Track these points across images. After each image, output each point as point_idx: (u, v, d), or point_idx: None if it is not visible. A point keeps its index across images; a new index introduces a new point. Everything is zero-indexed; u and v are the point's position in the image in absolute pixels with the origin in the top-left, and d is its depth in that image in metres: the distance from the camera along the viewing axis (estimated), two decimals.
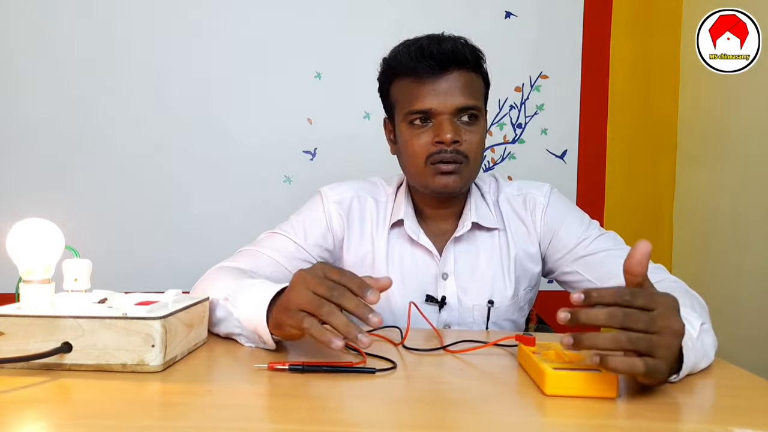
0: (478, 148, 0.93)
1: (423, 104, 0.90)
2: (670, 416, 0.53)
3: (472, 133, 0.91)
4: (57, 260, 0.66)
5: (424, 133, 0.91)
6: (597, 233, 0.96)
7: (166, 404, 0.55)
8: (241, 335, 0.74)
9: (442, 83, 0.89)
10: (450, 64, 0.89)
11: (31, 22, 1.75)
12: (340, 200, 1.01)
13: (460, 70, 0.90)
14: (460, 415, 0.52)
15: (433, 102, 0.89)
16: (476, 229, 0.99)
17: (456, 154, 0.90)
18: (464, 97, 0.89)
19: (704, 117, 1.79)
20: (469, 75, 0.91)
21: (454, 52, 0.89)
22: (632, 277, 0.56)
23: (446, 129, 0.88)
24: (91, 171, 1.78)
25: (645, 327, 0.53)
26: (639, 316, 0.53)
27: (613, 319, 0.53)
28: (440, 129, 0.89)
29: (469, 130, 0.91)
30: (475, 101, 0.91)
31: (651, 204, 1.90)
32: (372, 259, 1.00)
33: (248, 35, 1.80)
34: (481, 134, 0.93)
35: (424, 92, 0.90)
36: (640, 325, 0.53)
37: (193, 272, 0.90)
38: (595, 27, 1.85)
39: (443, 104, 0.89)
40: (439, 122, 0.90)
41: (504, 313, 0.99)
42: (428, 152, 0.91)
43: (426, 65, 0.89)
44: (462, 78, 0.90)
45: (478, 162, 0.95)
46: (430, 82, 0.89)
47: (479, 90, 0.94)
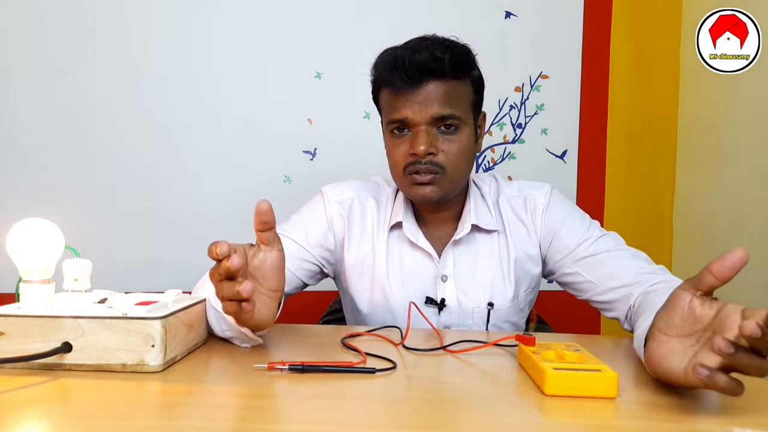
0: (457, 158, 0.91)
1: (399, 114, 0.89)
2: (670, 416, 0.53)
3: (450, 142, 0.90)
4: (57, 260, 0.66)
5: (403, 142, 0.91)
6: (598, 234, 0.96)
7: (166, 404, 0.55)
8: (234, 338, 0.74)
9: (419, 95, 0.87)
10: (424, 75, 0.87)
11: (31, 23, 1.74)
12: (341, 200, 1.01)
13: (437, 80, 0.87)
14: (460, 415, 0.52)
15: (408, 112, 0.88)
16: (476, 231, 0.99)
17: (431, 165, 0.89)
18: (440, 106, 0.87)
19: (704, 117, 1.79)
20: (448, 84, 0.88)
21: (428, 63, 0.86)
22: (714, 280, 0.52)
23: (420, 140, 0.87)
24: (91, 171, 1.78)
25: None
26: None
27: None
28: (415, 140, 0.88)
29: (448, 139, 0.90)
30: (452, 110, 0.88)
31: (651, 204, 1.90)
32: (372, 260, 0.99)
33: (248, 35, 1.79)
34: (463, 143, 0.91)
35: (401, 103, 0.89)
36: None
37: (193, 272, 0.90)
38: (595, 27, 1.85)
39: (418, 114, 0.88)
40: (415, 133, 0.89)
41: (504, 315, 0.98)
42: (405, 162, 0.91)
43: (399, 77, 0.87)
44: (439, 88, 0.88)
45: (459, 170, 0.92)
46: (406, 94, 0.88)
47: (462, 98, 0.91)
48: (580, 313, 1.45)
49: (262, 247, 0.67)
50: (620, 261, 0.91)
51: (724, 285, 0.54)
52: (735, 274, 0.52)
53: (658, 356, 0.57)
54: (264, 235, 0.66)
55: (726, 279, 0.52)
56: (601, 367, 0.57)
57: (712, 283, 0.53)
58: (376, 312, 0.99)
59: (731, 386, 0.50)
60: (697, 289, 0.55)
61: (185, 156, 1.80)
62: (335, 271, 1.04)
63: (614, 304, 0.90)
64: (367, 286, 1.00)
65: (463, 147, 0.91)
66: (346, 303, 1.08)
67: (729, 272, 0.52)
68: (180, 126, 1.80)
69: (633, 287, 0.86)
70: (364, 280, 1.00)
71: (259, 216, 0.65)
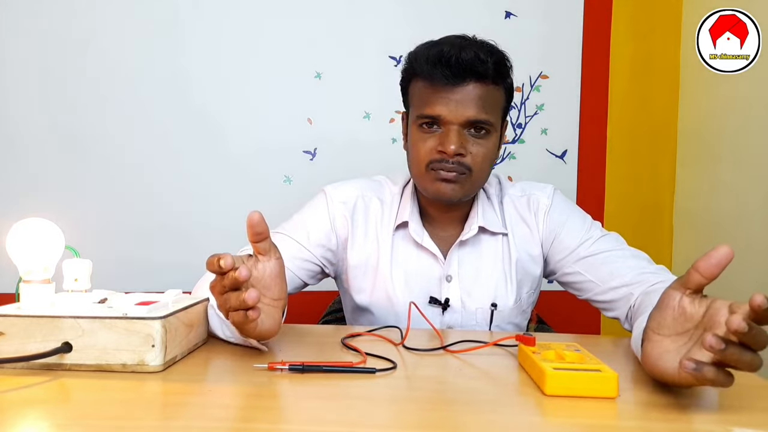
0: (484, 162, 0.91)
1: (433, 110, 0.88)
2: (670, 416, 0.53)
3: (479, 146, 0.89)
4: (57, 260, 0.66)
5: (431, 138, 0.90)
6: (599, 234, 0.96)
7: (166, 404, 0.55)
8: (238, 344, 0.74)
9: (457, 93, 0.87)
10: (467, 74, 0.86)
11: (31, 23, 1.74)
12: (344, 200, 1.01)
13: (477, 82, 0.87)
14: (460, 415, 0.52)
15: (444, 110, 0.87)
16: (481, 233, 0.99)
17: (458, 165, 0.88)
18: (477, 109, 0.87)
19: (704, 117, 1.79)
20: (486, 88, 0.88)
21: (474, 62, 0.86)
22: (702, 278, 0.53)
23: (451, 140, 0.87)
24: (92, 171, 1.78)
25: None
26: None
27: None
28: (446, 138, 0.88)
29: (477, 142, 0.89)
30: (487, 116, 0.88)
31: (651, 204, 1.90)
32: (376, 260, 0.99)
33: (248, 35, 1.79)
34: (490, 148, 0.91)
35: (437, 99, 0.88)
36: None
37: (193, 272, 0.90)
38: (595, 27, 1.85)
39: (453, 114, 0.87)
40: (447, 131, 0.88)
41: (507, 317, 0.98)
42: (431, 158, 0.90)
43: (441, 73, 0.86)
44: (478, 90, 0.87)
45: (483, 175, 0.93)
46: (444, 90, 0.87)
47: (497, 103, 0.91)
48: (580, 313, 1.45)
49: (260, 257, 0.67)
50: (621, 261, 0.91)
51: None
52: (721, 270, 0.52)
53: (653, 357, 0.57)
54: (260, 246, 0.65)
55: (712, 276, 0.53)
56: (601, 367, 0.57)
57: (700, 281, 0.53)
58: (379, 312, 0.99)
59: (720, 378, 0.50)
60: (686, 287, 0.55)
61: (185, 156, 1.80)
62: (336, 272, 1.04)
63: (615, 304, 0.90)
64: (370, 287, 0.99)
65: (489, 152, 0.91)
66: (346, 303, 1.08)
67: (715, 269, 0.52)
68: (180, 126, 1.80)
69: (633, 287, 0.86)
70: (367, 280, 1.00)
71: (252, 228, 0.63)
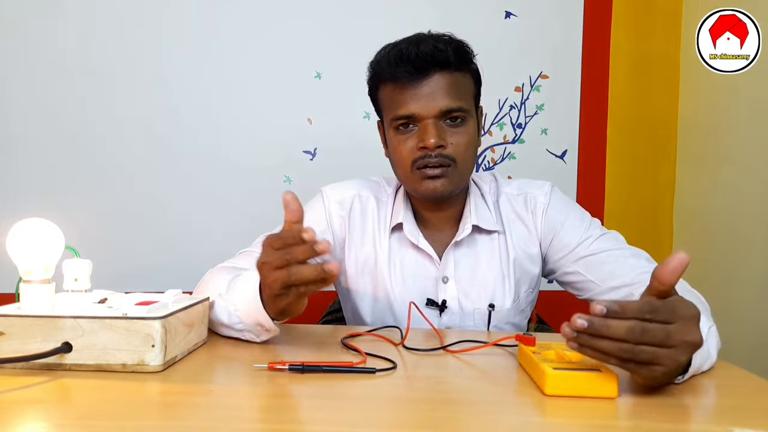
0: (466, 150, 0.91)
1: (406, 109, 0.88)
2: (670, 416, 0.53)
3: (458, 135, 0.89)
4: (57, 260, 0.66)
5: (410, 138, 0.90)
6: (599, 233, 0.96)
7: (166, 404, 0.55)
8: (244, 331, 0.74)
9: (424, 87, 0.87)
10: (430, 66, 0.87)
11: (30, 23, 1.74)
12: (341, 200, 1.01)
13: (442, 72, 0.87)
14: (460, 415, 0.52)
15: (416, 107, 0.87)
16: (476, 233, 0.98)
17: (441, 158, 0.88)
18: (448, 99, 0.87)
19: (704, 117, 1.79)
20: (453, 75, 0.88)
21: (434, 53, 0.86)
22: (660, 285, 0.54)
23: (429, 134, 0.87)
24: (92, 171, 1.78)
25: (660, 342, 0.52)
26: (656, 332, 0.52)
27: (632, 335, 0.52)
28: (424, 134, 0.88)
29: (456, 132, 0.89)
30: (460, 102, 0.88)
31: (651, 204, 1.90)
32: (374, 261, 0.99)
33: (248, 35, 1.80)
34: (470, 135, 0.91)
35: (406, 97, 0.88)
36: (656, 340, 0.52)
37: (193, 272, 0.90)
38: (595, 27, 1.85)
39: (426, 108, 0.87)
40: (423, 127, 0.88)
41: (505, 317, 0.98)
42: (413, 157, 0.90)
43: (405, 70, 0.87)
44: (444, 79, 0.88)
45: (468, 163, 0.93)
46: (411, 87, 0.88)
47: (466, 89, 0.91)
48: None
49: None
50: (621, 260, 0.91)
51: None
52: (678, 276, 0.53)
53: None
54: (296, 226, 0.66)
55: (670, 282, 0.54)
56: (601, 367, 0.57)
57: (659, 287, 0.54)
58: (378, 313, 0.99)
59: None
60: (651, 295, 0.56)
61: (186, 156, 1.80)
62: None
63: None
64: (369, 287, 0.99)
65: (470, 139, 0.91)
66: (346, 304, 1.08)
67: (671, 276, 0.53)
68: (180, 126, 1.80)
69: (634, 287, 0.86)
70: (366, 281, 1.00)
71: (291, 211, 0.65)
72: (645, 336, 0.52)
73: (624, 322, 0.52)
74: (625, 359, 0.53)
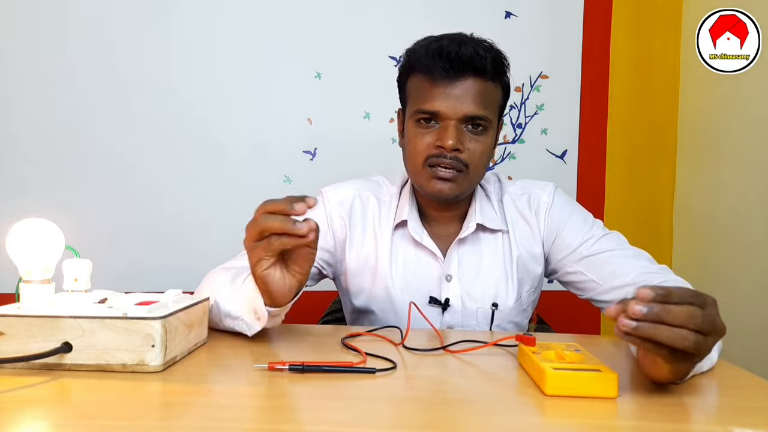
0: (481, 159, 0.91)
1: (432, 105, 0.88)
2: (670, 416, 0.53)
3: (477, 142, 0.90)
4: (57, 260, 0.66)
5: (429, 133, 0.90)
6: (601, 233, 0.96)
7: (166, 404, 0.55)
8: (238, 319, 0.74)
9: (456, 88, 0.87)
10: (466, 69, 0.86)
11: (28, 23, 1.74)
12: (341, 201, 1.01)
13: (476, 77, 0.87)
14: (460, 415, 0.52)
15: (442, 105, 0.87)
16: (480, 231, 0.98)
17: (455, 161, 0.88)
18: (475, 105, 0.87)
19: (704, 117, 1.79)
20: (485, 83, 0.88)
21: (473, 57, 0.86)
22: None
23: (449, 134, 0.87)
24: (92, 171, 1.78)
25: (708, 329, 0.51)
26: (707, 317, 0.50)
27: (692, 320, 0.50)
28: (444, 133, 0.88)
29: (475, 139, 0.89)
30: (485, 112, 0.88)
31: (651, 204, 1.90)
32: (375, 260, 0.99)
33: (248, 35, 1.80)
34: (487, 145, 0.91)
35: (436, 93, 0.88)
36: (706, 327, 0.50)
37: (193, 272, 0.90)
38: (595, 27, 1.85)
39: (452, 109, 0.87)
40: (445, 126, 0.88)
41: (508, 316, 0.98)
42: (428, 154, 0.90)
43: (441, 66, 0.86)
44: (477, 86, 0.88)
45: (479, 172, 0.93)
46: (443, 85, 0.87)
47: (494, 100, 0.91)
48: (581, 313, 1.45)
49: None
50: (623, 260, 0.91)
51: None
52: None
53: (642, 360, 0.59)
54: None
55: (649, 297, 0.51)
56: (601, 367, 0.57)
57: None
58: (379, 312, 0.99)
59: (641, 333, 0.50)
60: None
61: (185, 156, 1.80)
62: (335, 273, 1.04)
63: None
64: (369, 286, 0.99)
65: (486, 149, 0.92)
66: (346, 304, 1.08)
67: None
68: (180, 126, 1.80)
69: (636, 287, 0.86)
70: (366, 280, 1.00)
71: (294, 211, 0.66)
72: (704, 322, 0.50)
73: (683, 306, 0.50)
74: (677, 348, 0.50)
